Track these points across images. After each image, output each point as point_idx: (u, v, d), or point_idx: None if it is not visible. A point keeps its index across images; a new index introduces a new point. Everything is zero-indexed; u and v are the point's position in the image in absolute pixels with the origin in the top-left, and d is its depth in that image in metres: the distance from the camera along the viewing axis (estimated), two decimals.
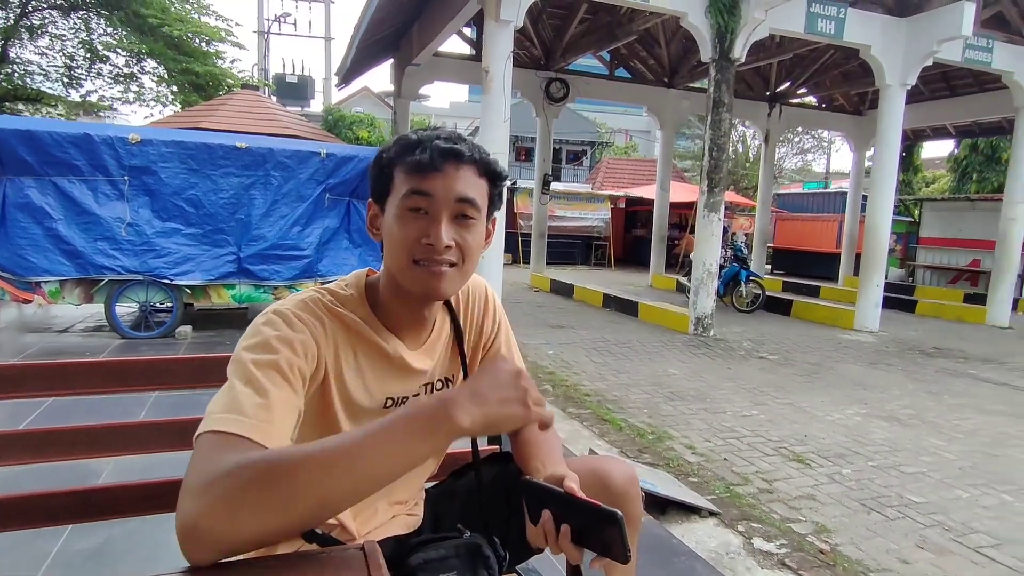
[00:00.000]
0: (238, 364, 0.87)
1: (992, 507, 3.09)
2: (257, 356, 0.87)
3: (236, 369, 0.86)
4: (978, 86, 11.97)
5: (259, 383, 0.84)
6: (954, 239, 14.23)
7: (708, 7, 7.28)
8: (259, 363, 0.86)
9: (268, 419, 0.81)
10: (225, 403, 0.82)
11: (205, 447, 0.77)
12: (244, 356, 0.87)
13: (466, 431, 0.76)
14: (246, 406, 0.81)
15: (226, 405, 0.81)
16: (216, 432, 0.78)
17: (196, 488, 0.71)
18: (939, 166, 22.94)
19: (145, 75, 12.86)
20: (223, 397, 0.83)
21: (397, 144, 0.98)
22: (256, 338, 0.90)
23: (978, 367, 6.61)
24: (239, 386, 0.83)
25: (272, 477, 0.70)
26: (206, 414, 0.82)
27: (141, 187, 5.44)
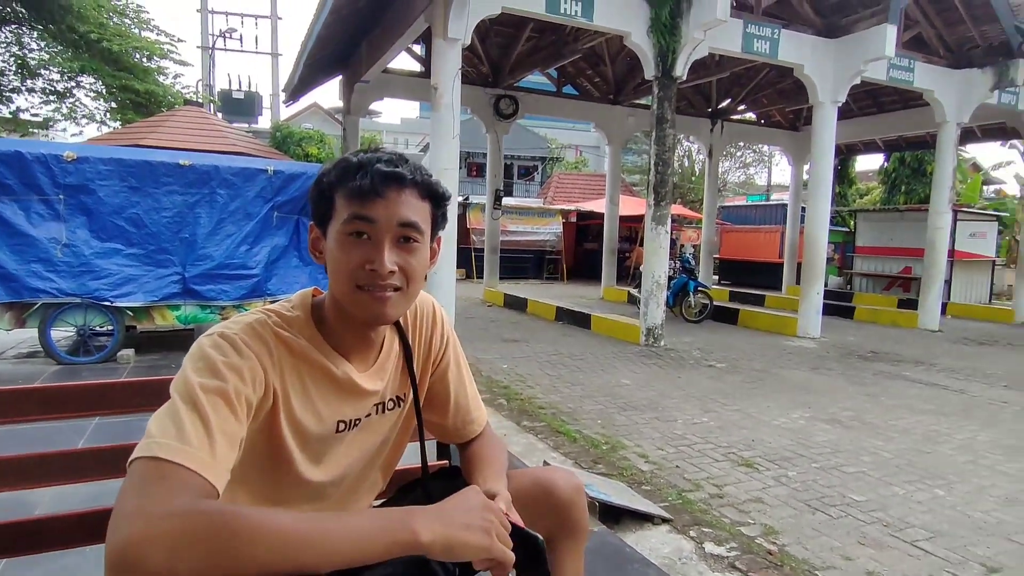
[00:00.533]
0: (184, 386, 0.85)
1: (925, 502, 3.25)
2: (204, 380, 0.85)
3: (182, 392, 0.84)
4: (903, 103, 12.69)
5: (205, 410, 0.82)
6: (887, 247, 14.96)
7: (650, 27, 7.53)
8: (206, 388, 0.84)
9: (211, 450, 0.80)
10: (168, 427, 0.80)
11: (147, 473, 0.75)
12: (191, 379, 0.86)
13: (424, 547, 0.77)
14: (190, 434, 0.79)
15: (169, 430, 0.79)
16: (158, 459, 0.76)
17: (137, 516, 0.69)
18: (871, 178, 24.10)
19: (81, 91, 12.40)
20: (167, 420, 0.81)
21: (337, 168, 0.97)
22: (203, 361, 0.88)
23: (911, 369, 6.95)
24: (184, 410, 0.82)
25: (226, 537, 0.69)
26: (146, 435, 0.80)
27: (78, 206, 5.24)
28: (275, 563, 0.70)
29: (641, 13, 7.52)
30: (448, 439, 1.27)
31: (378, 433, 1.12)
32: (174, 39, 12.97)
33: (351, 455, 1.08)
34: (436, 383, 1.21)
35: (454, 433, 1.24)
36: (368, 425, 1.09)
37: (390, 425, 1.14)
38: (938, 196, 10.31)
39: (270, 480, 1.00)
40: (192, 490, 0.75)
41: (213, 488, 0.78)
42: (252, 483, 0.98)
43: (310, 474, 1.02)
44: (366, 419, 1.09)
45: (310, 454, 1.02)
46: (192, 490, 0.75)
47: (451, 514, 0.81)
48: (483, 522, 0.82)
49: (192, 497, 0.74)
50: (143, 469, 0.76)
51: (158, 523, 0.68)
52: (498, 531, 0.83)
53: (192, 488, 0.75)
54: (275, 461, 0.99)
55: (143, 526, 0.68)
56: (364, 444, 1.10)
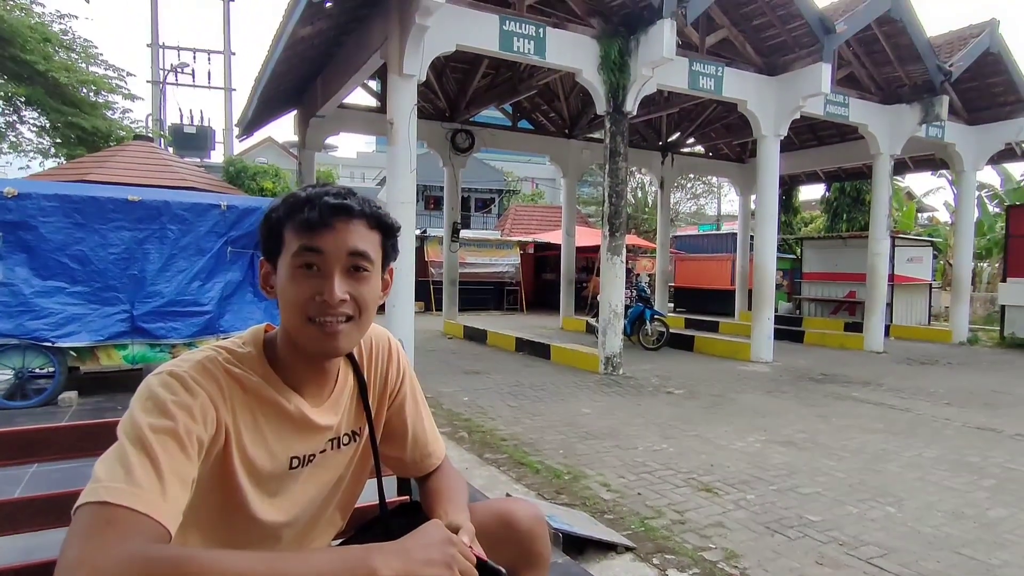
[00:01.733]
0: (132, 427, 0.83)
1: (878, 519, 3.34)
2: (153, 420, 0.83)
3: (129, 433, 0.82)
4: (840, 136, 13.36)
5: (154, 451, 0.80)
6: (832, 273, 15.54)
7: (600, 65, 7.78)
8: (155, 428, 0.83)
9: (163, 492, 0.78)
10: (116, 470, 0.77)
11: (94, 519, 0.73)
12: (140, 419, 0.84)
13: None
14: (139, 476, 0.77)
15: (117, 473, 0.77)
16: (106, 504, 0.74)
17: (83, 565, 0.67)
18: (815, 207, 25.14)
19: (24, 124, 12.02)
20: (114, 463, 0.79)
21: (285, 203, 0.98)
22: (152, 401, 0.86)
23: (859, 390, 7.18)
24: (132, 452, 0.79)
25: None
26: (93, 479, 0.78)
27: (17, 243, 5.03)
28: None
29: (591, 52, 7.77)
30: (406, 473, 1.27)
31: (334, 469, 1.11)
32: (123, 73, 12.75)
33: (307, 492, 1.06)
34: (393, 417, 1.20)
35: (412, 467, 1.23)
36: (323, 461, 1.08)
37: (346, 460, 1.13)
38: (876, 224, 10.82)
39: (223, 521, 0.98)
40: (142, 534, 0.73)
41: (165, 531, 0.76)
42: (204, 524, 0.96)
43: (264, 513, 1.00)
44: (321, 455, 1.07)
45: (264, 492, 1.00)
46: (142, 534, 0.73)
47: (411, 550, 0.80)
48: (444, 556, 0.81)
49: (142, 542, 0.72)
50: (90, 515, 0.73)
51: (106, 572, 0.66)
52: (461, 565, 0.83)
53: (142, 532, 0.73)
54: (227, 500, 0.96)
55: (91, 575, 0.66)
56: (320, 481, 1.09)
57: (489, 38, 7.17)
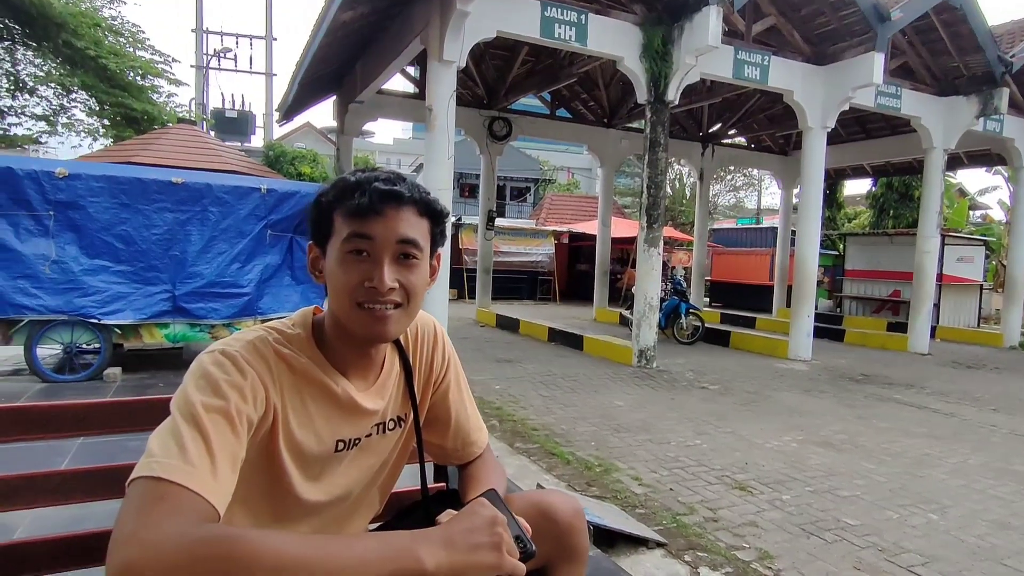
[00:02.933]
0: (185, 404, 0.84)
1: (920, 526, 3.23)
2: (206, 399, 0.84)
3: (183, 409, 0.83)
4: (891, 129, 12.90)
5: (206, 430, 0.81)
6: (876, 271, 15.09)
7: (642, 52, 7.63)
8: (208, 407, 0.83)
9: (213, 470, 0.79)
10: (170, 446, 0.79)
11: (147, 494, 0.74)
12: (193, 397, 0.84)
13: (429, 575, 0.75)
14: (192, 453, 0.78)
15: (171, 449, 0.78)
16: (159, 479, 0.74)
17: (136, 540, 0.68)
18: (860, 203, 24.42)
19: (75, 107, 12.39)
20: (168, 438, 0.80)
21: (335, 187, 0.98)
22: (205, 379, 0.87)
23: (902, 392, 6.96)
24: (185, 429, 0.80)
25: (228, 564, 0.67)
26: (147, 454, 0.79)
27: (68, 223, 5.20)
28: None
29: (634, 39, 7.63)
30: (447, 461, 1.26)
31: (378, 454, 1.11)
32: (168, 59, 13.02)
33: (350, 475, 1.07)
34: (437, 404, 1.20)
35: (453, 455, 1.22)
36: (368, 445, 1.08)
37: (390, 446, 1.13)
38: (926, 221, 10.43)
39: (267, 499, 0.99)
40: (193, 512, 0.74)
41: (214, 510, 0.76)
42: (249, 502, 0.97)
43: (308, 494, 1.00)
44: (366, 439, 1.07)
45: (308, 473, 1.00)
46: (193, 512, 0.74)
47: (456, 537, 0.78)
48: (492, 538, 0.80)
49: (192, 520, 0.72)
50: (143, 489, 0.74)
51: (157, 548, 0.67)
52: (509, 545, 0.81)
53: (193, 510, 0.74)
54: (272, 480, 0.97)
55: (142, 550, 0.67)
56: (363, 464, 1.09)
57: (530, 24, 7.09)
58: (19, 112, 12.06)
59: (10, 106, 11.86)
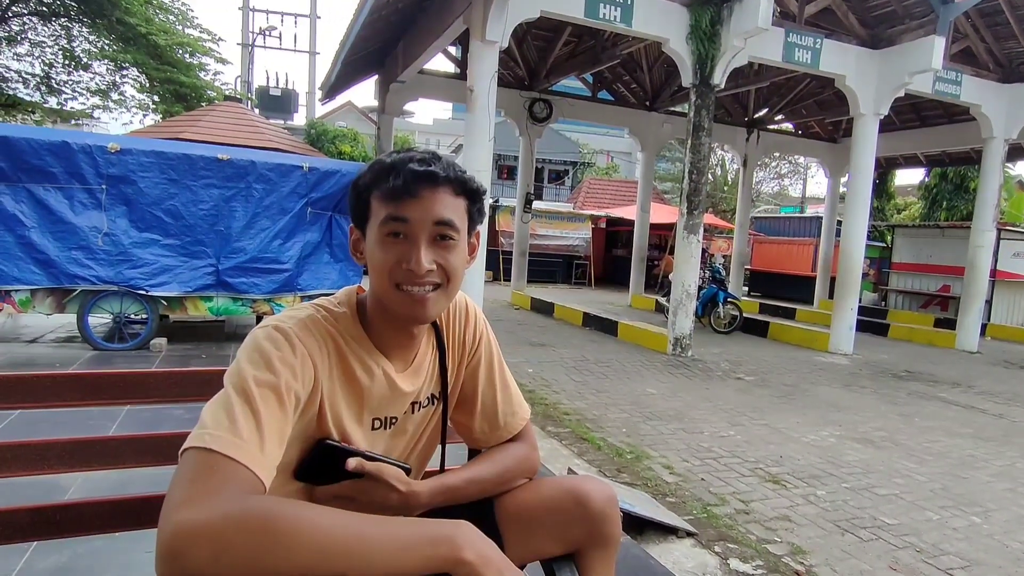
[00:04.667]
0: (239, 377, 0.86)
1: (961, 528, 3.14)
2: (258, 374, 0.86)
3: (236, 383, 0.85)
4: (947, 117, 12.34)
5: (256, 404, 0.83)
6: (925, 265, 14.56)
7: (689, 34, 7.45)
8: (260, 381, 0.85)
9: (261, 445, 0.81)
10: (222, 419, 0.81)
11: (200, 465, 0.76)
12: (246, 370, 0.87)
13: (464, 565, 0.73)
14: (242, 427, 0.80)
15: (222, 422, 0.80)
16: (211, 451, 0.77)
17: (186, 508, 0.70)
18: (911, 193, 23.53)
19: (126, 83, 12.75)
20: (220, 410, 0.82)
21: (372, 170, 0.99)
22: (258, 353, 0.89)
23: (947, 391, 6.74)
24: (236, 403, 0.83)
25: (269, 536, 0.69)
26: (200, 424, 0.81)
27: (119, 196, 5.36)
28: (314, 566, 0.70)
29: (681, 20, 7.45)
30: (476, 444, 1.24)
31: (412, 432, 1.13)
32: (215, 37, 13.26)
33: (385, 453, 1.08)
34: (465, 381, 1.19)
35: (481, 437, 1.21)
36: (403, 423, 1.10)
37: (424, 424, 1.14)
38: (981, 213, 9.99)
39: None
40: (241, 484, 0.76)
41: (261, 483, 0.78)
42: (292, 480, 0.99)
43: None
44: (403, 417, 1.09)
45: None
46: (241, 484, 0.76)
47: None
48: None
49: (240, 492, 0.75)
50: (195, 459, 0.77)
51: (208, 516, 0.69)
52: None
53: (241, 482, 0.76)
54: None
55: (195, 516, 0.69)
56: (398, 443, 1.11)
57: (574, 4, 6.98)
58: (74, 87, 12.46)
59: (66, 80, 12.26)
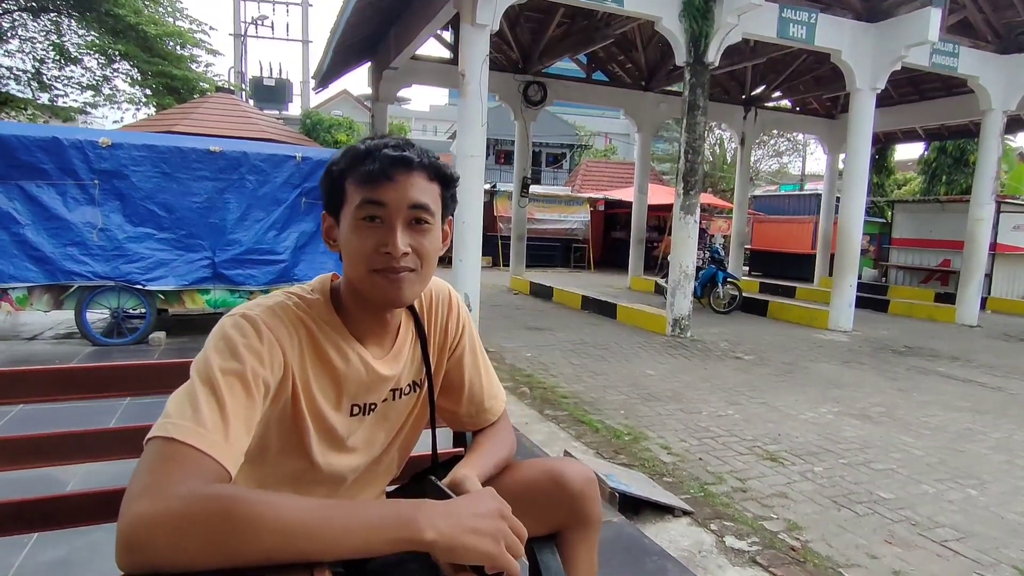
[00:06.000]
0: (204, 367, 0.86)
1: (957, 501, 3.16)
2: (224, 363, 0.87)
3: (201, 372, 0.86)
4: (946, 90, 12.25)
5: (221, 392, 0.83)
6: (925, 240, 14.52)
7: (682, 12, 7.37)
8: (225, 370, 0.86)
9: (225, 433, 0.81)
10: (185, 408, 0.81)
11: (160, 454, 0.77)
12: (211, 359, 0.87)
13: (427, 545, 0.75)
14: (206, 416, 0.80)
15: (185, 411, 0.81)
16: (172, 440, 0.77)
17: (147, 496, 0.71)
18: (911, 168, 23.40)
19: (118, 77, 12.67)
20: (183, 400, 0.83)
21: (346, 156, 0.99)
22: (224, 342, 0.89)
23: (946, 365, 6.75)
24: (201, 392, 0.83)
25: (230, 522, 0.70)
26: (164, 414, 0.82)
27: (112, 191, 5.35)
28: (277, 550, 0.71)
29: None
30: (462, 427, 1.27)
31: (394, 418, 1.13)
32: (206, 27, 13.15)
33: (366, 440, 1.09)
34: (452, 369, 1.21)
35: (468, 421, 1.24)
36: (384, 410, 1.11)
37: (406, 411, 1.15)
38: (980, 187, 9.94)
39: (288, 462, 1.02)
40: (203, 472, 0.76)
41: (225, 471, 0.79)
42: (271, 465, 1.00)
43: (326, 457, 1.03)
44: (382, 404, 1.10)
45: (326, 438, 1.03)
46: (203, 472, 0.76)
47: (461, 515, 0.79)
48: (493, 528, 0.80)
49: (202, 480, 0.75)
50: (157, 449, 0.77)
51: (166, 505, 0.70)
52: (508, 540, 0.81)
53: (203, 470, 0.76)
54: (293, 444, 1.00)
55: (152, 506, 0.70)
56: (380, 429, 1.11)
57: None
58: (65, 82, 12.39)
59: (57, 76, 12.18)
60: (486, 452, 1.14)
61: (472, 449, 1.16)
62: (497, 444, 1.18)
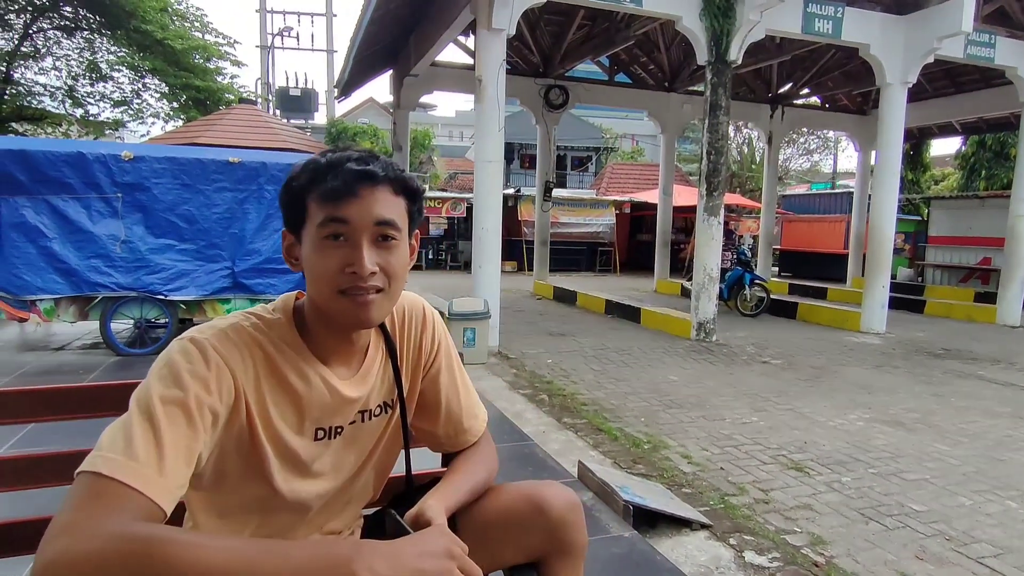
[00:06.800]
0: (144, 396, 0.82)
1: (995, 514, 2.99)
2: (165, 390, 0.82)
3: (140, 401, 0.82)
4: (984, 82, 11.81)
5: (158, 423, 0.79)
6: (964, 237, 14.04)
7: (702, 10, 7.23)
8: (165, 399, 0.81)
9: (160, 467, 0.76)
10: (117, 441, 0.77)
11: (87, 490, 0.73)
12: (152, 387, 0.83)
13: None
14: (139, 448, 0.76)
15: (117, 443, 0.77)
16: (99, 475, 0.73)
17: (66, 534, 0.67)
18: (948, 163, 22.69)
19: (147, 91, 13.01)
20: (118, 432, 0.78)
21: (307, 170, 0.94)
22: (167, 368, 0.85)
23: (986, 368, 6.47)
24: (137, 423, 0.79)
25: (149, 566, 0.66)
26: (96, 447, 0.77)
27: (134, 204, 5.44)
28: None
29: None
30: (441, 448, 1.21)
31: (365, 441, 1.08)
32: (231, 40, 13.43)
33: (334, 464, 1.04)
34: (427, 388, 1.15)
35: (447, 442, 1.18)
36: (352, 433, 1.05)
37: (377, 432, 1.10)
38: (1021, 181, 9.55)
39: (249, 489, 0.97)
40: (129, 510, 0.72)
41: (156, 507, 0.75)
42: (231, 492, 0.96)
43: (289, 484, 0.98)
44: (350, 426, 1.04)
45: (288, 463, 0.98)
46: (129, 510, 0.72)
47: (402, 556, 0.74)
48: (438, 571, 0.75)
49: (127, 518, 0.71)
50: (84, 484, 0.74)
51: (85, 545, 0.66)
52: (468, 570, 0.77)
53: (130, 508, 0.72)
54: (253, 470, 0.95)
55: (70, 546, 0.66)
56: (349, 452, 1.06)
57: None
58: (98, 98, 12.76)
59: (89, 92, 12.55)
60: (461, 478, 1.08)
61: (447, 474, 1.10)
62: (475, 467, 1.12)
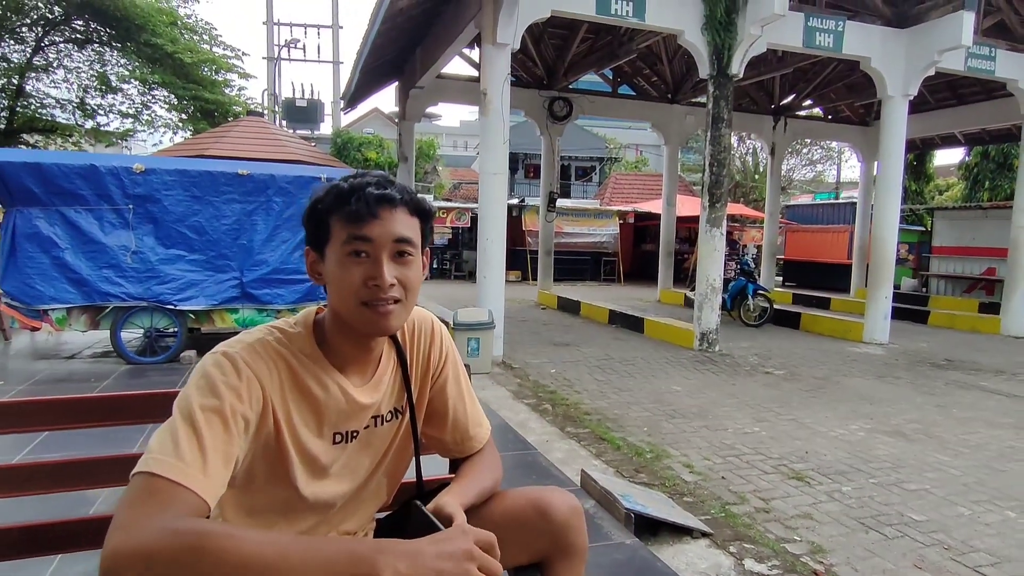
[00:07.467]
0: (185, 404, 0.90)
1: (994, 524, 3.03)
2: (203, 399, 0.90)
3: (183, 409, 0.90)
4: (985, 94, 11.88)
5: (200, 428, 0.87)
6: (968, 247, 14.05)
7: (704, 24, 7.32)
8: (204, 407, 0.89)
9: (204, 467, 0.84)
10: (166, 444, 0.85)
11: (142, 488, 0.80)
12: (192, 397, 0.91)
13: None
14: (185, 451, 0.84)
15: (167, 446, 0.85)
16: (153, 475, 0.81)
17: (125, 529, 0.75)
18: (952, 173, 22.71)
19: (156, 103, 13.17)
20: (166, 436, 0.86)
21: (330, 194, 1.03)
22: (204, 379, 0.93)
23: (989, 379, 6.49)
24: (181, 428, 0.87)
25: (196, 556, 0.72)
26: (147, 449, 0.85)
27: (145, 215, 5.54)
28: None
29: (695, 10, 7.33)
30: (448, 454, 1.28)
31: (378, 445, 1.15)
32: (239, 52, 13.59)
33: (350, 467, 1.11)
34: (435, 397, 1.23)
35: (454, 448, 1.25)
36: (367, 437, 1.12)
37: (389, 437, 1.17)
38: (1023, 191, 9.59)
39: (275, 491, 1.04)
40: (180, 506, 0.79)
41: (204, 503, 0.82)
42: (259, 493, 1.03)
43: (311, 487, 1.06)
44: (364, 431, 1.12)
45: (309, 467, 1.06)
46: (180, 506, 0.79)
47: (424, 555, 0.78)
48: (458, 570, 0.79)
49: (179, 513, 0.78)
50: (139, 484, 0.81)
51: (139, 539, 0.73)
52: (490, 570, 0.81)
53: (181, 504, 0.80)
54: (278, 474, 1.03)
55: (128, 539, 0.74)
56: (363, 456, 1.13)
57: (586, 2, 6.92)
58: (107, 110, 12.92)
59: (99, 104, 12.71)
60: (470, 481, 1.14)
61: (457, 477, 1.17)
62: (482, 472, 1.19)
